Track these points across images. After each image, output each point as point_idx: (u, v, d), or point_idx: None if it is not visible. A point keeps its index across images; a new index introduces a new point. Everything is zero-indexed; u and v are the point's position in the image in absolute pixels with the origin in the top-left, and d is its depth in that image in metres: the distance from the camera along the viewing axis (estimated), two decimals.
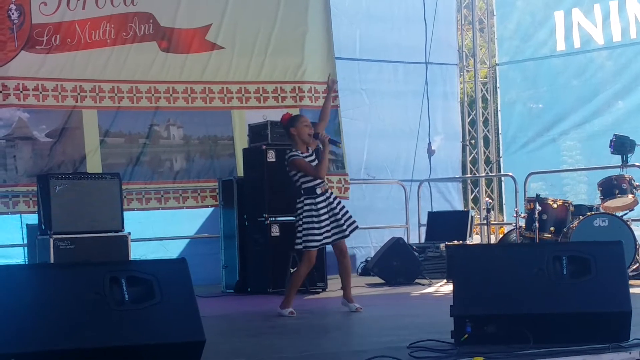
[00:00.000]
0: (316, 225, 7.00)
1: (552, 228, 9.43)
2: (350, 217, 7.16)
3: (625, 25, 11.83)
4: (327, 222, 7.05)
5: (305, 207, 7.02)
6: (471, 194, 13.24)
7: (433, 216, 11.54)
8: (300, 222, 7.04)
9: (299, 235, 7.06)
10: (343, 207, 7.17)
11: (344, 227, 7.09)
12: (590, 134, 12.14)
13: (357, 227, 7.20)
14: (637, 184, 9.33)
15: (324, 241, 7.08)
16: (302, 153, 7.10)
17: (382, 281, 9.72)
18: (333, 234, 7.09)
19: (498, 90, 13.27)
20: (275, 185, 9.00)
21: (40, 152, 9.35)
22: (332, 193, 7.20)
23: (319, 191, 7.06)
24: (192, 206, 10.09)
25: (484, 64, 13.56)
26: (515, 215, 9.83)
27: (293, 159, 7.07)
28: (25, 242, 8.94)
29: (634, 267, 8.92)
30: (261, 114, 10.20)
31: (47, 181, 8.13)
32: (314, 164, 7.09)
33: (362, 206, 11.53)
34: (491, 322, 4.97)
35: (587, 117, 12.21)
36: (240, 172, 9.83)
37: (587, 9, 12.16)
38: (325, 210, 7.03)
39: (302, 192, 7.07)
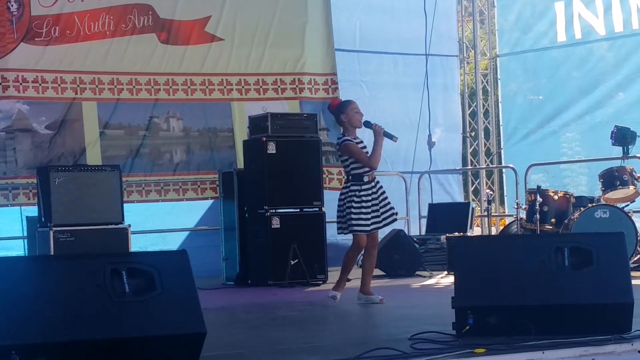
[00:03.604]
0: (364, 211, 7.00)
1: (553, 220, 9.41)
2: (391, 208, 7.14)
3: (627, 16, 11.79)
4: (375, 209, 7.04)
5: (350, 193, 7.03)
6: (472, 186, 13.23)
7: (434, 208, 11.53)
8: (350, 209, 6.99)
9: (343, 220, 7.03)
10: (386, 197, 7.15)
11: (381, 217, 7.08)
12: (591, 126, 12.12)
13: (394, 220, 7.18)
14: (638, 175, 9.31)
15: (373, 227, 7.07)
16: (354, 139, 7.10)
17: (383, 273, 9.71)
18: (382, 219, 7.09)
19: (499, 81, 13.24)
20: (275, 177, 8.98)
21: (40, 144, 9.34)
22: (378, 182, 7.17)
23: (366, 179, 7.07)
24: (192, 198, 10.09)
25: (484, 55, 13.53)
26: (516, 207, 9.81)
27: (346, 144, 7.07)
28: (25, 234, 8.93)
29: (636, 258, 8.91)
30: (261, 105, 10.19)
31: (47, 173, 8.12)
32: (365, 150, 7.12)
33: None
34: (493, 313, 4.95)
35: (587, 109, 12.18)
36: (240, 164, 9.82)
37: (588, 0, 12.12)
38: (369, 198, 7.03)
39: (350, 177, 7.08)
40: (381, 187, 7.19)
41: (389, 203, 7.15)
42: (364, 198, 7.02)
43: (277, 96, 10.50)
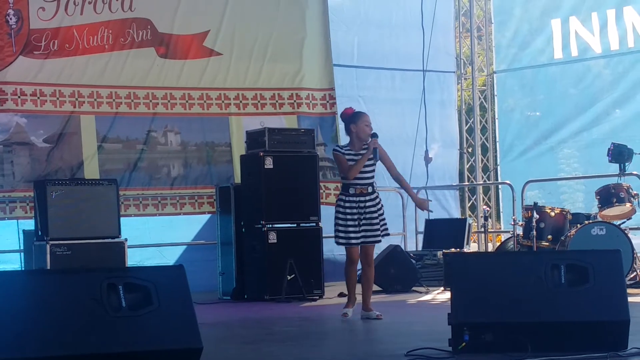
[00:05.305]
0: (341, 222, 7.09)
1: (549, 236, 9.42)
2: (384, 225, 7.15)
3: (623, 34, 11.84)
4: (353, 222, 7.05)
5: (337, 203, 7.18)
6: (468, 202, 13.24)
7: (430, 224, 11.53)
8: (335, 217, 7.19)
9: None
10: (381, 214, 7.14)
11: (373, 232, 7.09)
12: (588, 143, 12.15)
13: (384, 236, 7.18)
14: (635, 192, 9.33)
15: (352, 241, 7.09)
16: (351, 150, 7.13)
17: (380, 288, 9.70)
18: (362, 237, 7.09)
19: (496, 98, 13.27)
20: (272, 192, 8.99)
21: (37, 157, 9.34)
22: (370, 198, 7.11)
23: (351, 191, 7.10)
24: (189, 212, 10.08)
25: (481, 71, 13.56)
26: (512, 223, 9.83)
27: (334, 153, 7.22)
28: (22, 248, 8.91)
29: (632, 275, 8.92)
30: (259, 120, 10.20)
31: (44, 187, 8.12)
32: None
33: None
34: (489, 330, 4.96)
35: (584, 126, 12.22)
36: (237, 178, 9.82)
37: (584, 18, 12.17)
38: (353, 211, 7.05)
39: (341, 187, 7.25)
40: (376, 202, 7.14)
41: (382, 220, 7.13)
42: (347, 211, 7.08)
43: (275, 111, 10.52)
